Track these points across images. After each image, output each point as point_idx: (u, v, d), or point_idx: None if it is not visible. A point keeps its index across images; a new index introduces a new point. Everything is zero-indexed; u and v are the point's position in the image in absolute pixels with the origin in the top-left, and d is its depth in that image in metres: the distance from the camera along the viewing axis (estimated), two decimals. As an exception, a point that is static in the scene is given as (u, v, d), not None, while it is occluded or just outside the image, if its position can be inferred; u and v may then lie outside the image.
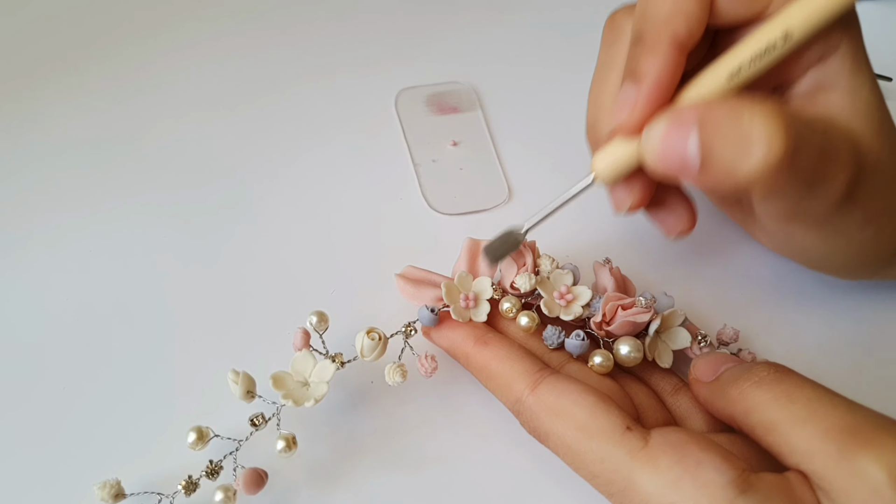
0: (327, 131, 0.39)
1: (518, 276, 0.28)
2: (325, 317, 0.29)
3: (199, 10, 0.44)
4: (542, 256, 0.29)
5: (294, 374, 0.28)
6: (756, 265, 0.35)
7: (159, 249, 0.34)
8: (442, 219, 0.36)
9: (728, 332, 0.30)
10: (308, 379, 0.28)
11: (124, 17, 0.44)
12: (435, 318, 0.28)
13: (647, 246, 0.35)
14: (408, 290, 0.30)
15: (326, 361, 0.28)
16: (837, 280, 0.33)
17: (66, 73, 0.41)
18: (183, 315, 0.32)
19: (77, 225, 0.35)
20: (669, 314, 0.29)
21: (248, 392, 0.27)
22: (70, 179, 0.36)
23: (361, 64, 0.42)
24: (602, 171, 0.26)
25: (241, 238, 0.35)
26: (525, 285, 0.28)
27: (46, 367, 0.30)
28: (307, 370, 0.28)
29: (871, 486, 0.20)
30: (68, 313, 0.32)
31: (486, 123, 0.40)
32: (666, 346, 0.29)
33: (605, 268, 0.30)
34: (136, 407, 0.30)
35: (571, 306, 0.29)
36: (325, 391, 0.27)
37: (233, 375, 0.27)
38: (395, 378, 0.28)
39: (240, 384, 0.27)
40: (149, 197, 0.36)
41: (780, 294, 0.34)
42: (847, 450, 0.20)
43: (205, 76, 0.41)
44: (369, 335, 0.28)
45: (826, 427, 0.21)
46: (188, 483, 0.26)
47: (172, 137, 0.38)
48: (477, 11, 0.46)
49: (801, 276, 0.34)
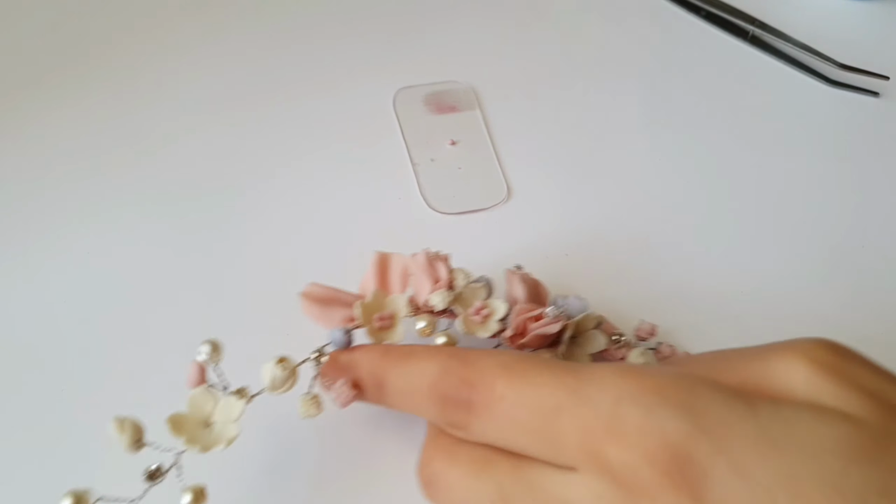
0: (324, 132, 0.39)
1: (433, 294, 0.27)
2: (219, 346, 0.26)
3: (196, 11, 0.44)
4: (456, 270, 0.28)
5: (192, 415, 0.24)
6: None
7: (145, 252, 0.34)
8: (441, 218, 0.36)
9: (645, 327, 0.30)
10: (210, 419, 0.24)
11: (120, 19, 0.43)
12: (349, 341, 0.26)
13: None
14: (314, 311, 0.28)
15: (231, 398, 0.24)
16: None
17: (63, 73, 0.40)
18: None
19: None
20: (583, 319, 0.28)
21: (136, 441, 0.23)
22: (67, 180, 0.36)
23: (358, 64, 0.42)
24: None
25: (239, 238, 0.35)
26: (440, 303, 0.26)
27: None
28: (207, 409, 0.24)
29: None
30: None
31: (484, 122, 0.40)
32: (583, 350, 0.28)
33: (517, 276, 0.29)
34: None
35: (488, 322, 0.27)
36: (237, 432, 0.24)
37: (116, 424, 0.23)
38: (310, 411, 0.25)
39: (125, 433, 0.23)
40: (143, 199, 0.36)
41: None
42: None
43: (202, 75, 0.41)
44: (280, 364, 0.25)
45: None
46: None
47: (169, 138, 0.38)
48: (474, 10, 0.46)
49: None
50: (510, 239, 0.35)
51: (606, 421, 0.20)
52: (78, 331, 0.31)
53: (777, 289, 0.34)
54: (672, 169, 0.38)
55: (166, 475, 0.23)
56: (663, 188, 0.37)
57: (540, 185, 0.37)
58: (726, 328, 0.32)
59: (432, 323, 0.27)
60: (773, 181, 0.38)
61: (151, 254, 0.34)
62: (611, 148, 0.39)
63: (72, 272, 0.33)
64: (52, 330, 0.31)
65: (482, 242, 0.35)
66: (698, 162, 0.39)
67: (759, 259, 0.35)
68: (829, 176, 0.38)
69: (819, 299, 0.33)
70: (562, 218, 0.36)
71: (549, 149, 0.39)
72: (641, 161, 0.38)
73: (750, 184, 0.38)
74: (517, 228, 0.35)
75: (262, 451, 0.28)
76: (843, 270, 0.35)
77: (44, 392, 0.29)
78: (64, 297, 0.32)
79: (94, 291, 0.32)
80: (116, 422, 0.23)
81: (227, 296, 0.32)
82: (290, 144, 0.38)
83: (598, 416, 0.20)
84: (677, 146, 0.39)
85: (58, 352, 0.30)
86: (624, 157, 0.39)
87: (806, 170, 0.38)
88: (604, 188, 0.37)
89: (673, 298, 0.33)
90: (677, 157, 0.39)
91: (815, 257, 0.35)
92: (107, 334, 0.31)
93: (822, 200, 0.37)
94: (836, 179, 0.38)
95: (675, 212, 0.36)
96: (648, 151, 0.39)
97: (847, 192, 0.38)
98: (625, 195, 0.37)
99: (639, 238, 0.35)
